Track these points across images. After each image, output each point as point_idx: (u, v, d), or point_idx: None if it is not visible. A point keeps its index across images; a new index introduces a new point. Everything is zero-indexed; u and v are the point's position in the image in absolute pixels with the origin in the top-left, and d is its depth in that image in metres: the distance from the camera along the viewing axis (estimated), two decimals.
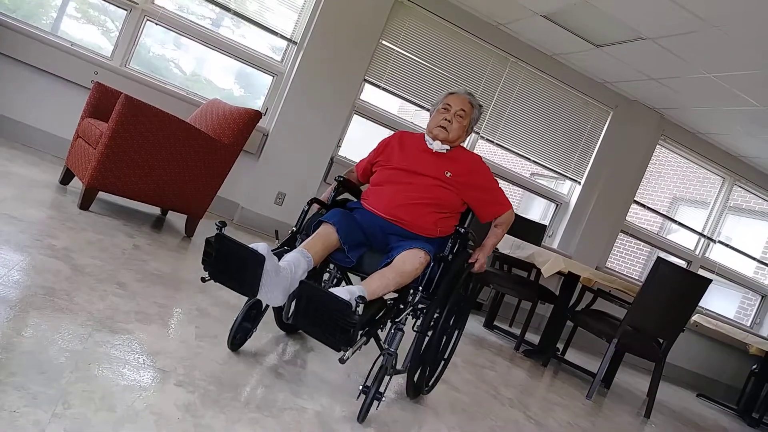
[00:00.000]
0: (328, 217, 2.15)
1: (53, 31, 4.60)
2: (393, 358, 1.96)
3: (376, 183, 2.42)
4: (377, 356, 1.96)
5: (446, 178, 2.33)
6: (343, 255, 2.14)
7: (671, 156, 7.11)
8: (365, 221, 2.25)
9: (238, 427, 1.55)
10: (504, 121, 5.55)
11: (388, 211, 2.26)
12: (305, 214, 2.25)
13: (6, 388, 1.31)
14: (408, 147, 2.44)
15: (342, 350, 1.73)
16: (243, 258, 1.80)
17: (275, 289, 1.81)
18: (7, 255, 2.10)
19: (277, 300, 1.84)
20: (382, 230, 2.26)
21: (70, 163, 3.52)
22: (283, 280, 1.84)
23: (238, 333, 2.08)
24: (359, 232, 2.20)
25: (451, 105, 2.44)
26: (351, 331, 1.69)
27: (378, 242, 2.24)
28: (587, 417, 3.23)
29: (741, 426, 5.16)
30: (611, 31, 4.46)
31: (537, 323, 5.58)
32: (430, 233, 2.29)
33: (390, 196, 2.30)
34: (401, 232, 2.26)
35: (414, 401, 2.30)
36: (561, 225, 5.92)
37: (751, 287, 6.90)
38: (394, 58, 5.17)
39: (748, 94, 4.64)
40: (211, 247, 1.85)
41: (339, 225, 2.11)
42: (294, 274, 1.89)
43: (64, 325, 1.73)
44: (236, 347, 2.09)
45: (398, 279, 2.04)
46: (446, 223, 2.33)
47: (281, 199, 4.97)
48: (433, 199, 2.30)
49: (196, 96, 4.80)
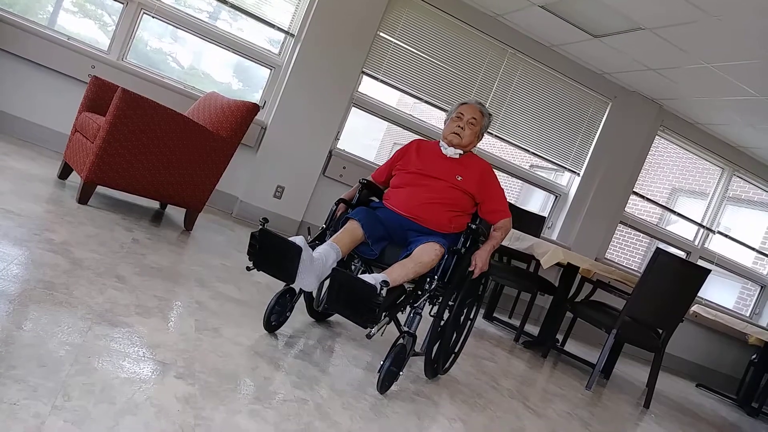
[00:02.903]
0: (354, 214, 2.44)
1: (50, 26, 4.58)
2: (412, 338, 2.28)
3: (396, 185, 2.70)
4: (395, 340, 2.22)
5: (457, 181, 2.61)
6: (368, 248, 2.43)
7: (670, 147, 7.10)
8: (387, 218, 2.53)
9: (238, 419, 1.56)
10: (503, 113, 5.54)
11: (407, 209, 2.55)
12: (333, 213, 2.56)
13: (6, 381, 1.32)
14: (424, 153, 2.72)
15: (368, 327, 2.03)
16: (283, 250, 2.10)
17: (310, 276, 2.11)
18: (5, 249, 2.10)
19: (311, 285, 2.15)
20: (402, 226, 2.53)
21: (68, 158, 3.52)
22: (316, 269, 2.13)
23: (272, 316, 2.33)
24: (381, 228, 2.48)
25: (463, 114, 2.71)
26: (376, 311, 1.97)
27: (398, 237, 2.51)
28: (586, 407, 3.24)
29: (740, 415, 5.18)
30: (610, 21, 4.45)
31: (536, 314, 5.59)
32: (444, 229, 2.56)
33: (409, 196, 2.59)
34: (419, 228, 2.53)
35: (413, 392, 2.31)
36: (560, 216, 5.92)
37: (751, 277, 6.91)
38: (392, 50, 5.16)
39: (747, 84, 4.63)
40: (255, 240, 2.11)
41: (364, 221, 2.40)
42: (325, 263, 2.18)
43: (63, 318, 1.74)
44: (272, 329, 2.35)
45: (417, 269, 2.30)
46: (459, 220, 2.60)
47: (280, 193, 4.97)
48: (446, 200, 2.58)
49: (194, 89, 4.79)
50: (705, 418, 4.34)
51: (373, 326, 2.03)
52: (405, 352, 2.22)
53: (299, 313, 2.77)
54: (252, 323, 2.38)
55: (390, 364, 2.14)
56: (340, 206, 2.59)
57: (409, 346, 2.26)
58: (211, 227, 4.01)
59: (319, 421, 1.73)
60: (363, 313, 2.01)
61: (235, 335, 2.16)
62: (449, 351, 2.64)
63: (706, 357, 6.58)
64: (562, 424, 2.73)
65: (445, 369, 2.65)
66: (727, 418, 4.82)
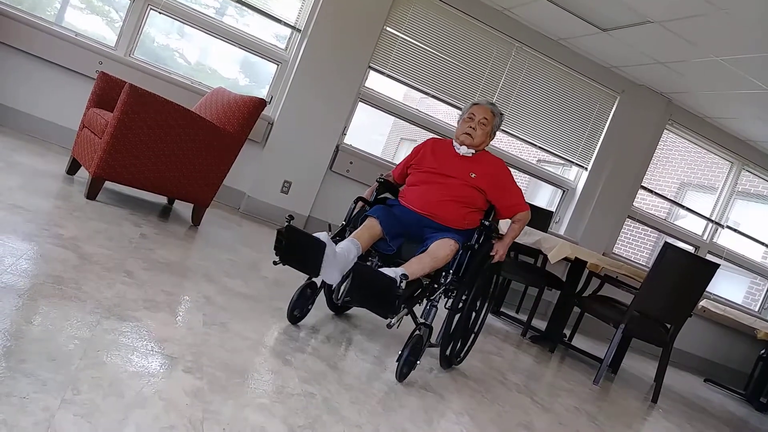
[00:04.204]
0: (372, 212, 2.57)
1: (57, 22, 4.60)
2: (429, 329, 2.40)
3: (412, 183, 2.79)
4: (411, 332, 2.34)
5: (471, 178, 2.68)
6: (385, 244, 2.56)
7: (679, 141, 7.06)
8: (403, 215, 2.64)
9: (246, 412, 1.56)
10: (510, 108, 5.51)
11: (423, 207, 2.65)
12: (352, 211, 2.67)
13: (16, 374, 1.33)
14: (438, 152, 2.80)
15: (389, 318, 2.15)
16: (308, 245, 2.24)
17: (333, 269, 2.26)
18: (15, 244, 2.11)
19: (334, 278, 2.29)
20: (418, 223, 2.63)
21: (76, 153, 3.53)
22: (339, 263, 2.28)
23: (296, 309, 2.43)
24: (398, 225, 2.59)
25: (475, 114, 2.79)
26: (396, 302, 2.10)
27: (414, 233, 2.62)
28: (594, 402, 3.24)
29: (749, 411, 5.16)
30: (618, 14, 4.42)
31: (544, 309, 5.58)
32: (458, 225, 2.66)
33: (424, 194, 2.68)
34: (434, 224, 2.63)
35: (421, 387, 2.31)
36: (568, 211, 5.90)
37: (760, 272, 6.87)
38: (398, 44, 5.14)
39: (756, 78, 4.59)
40: (282, 236, 2.23)
41: (382, 218, 2.52)
42: (347, 258, 2.32)
43: (72, 312, 1.75)
44: (295, 321, 2.45)
45: (433, 263, 2.43)
46: (473, 217, 2.69)
47: (287, 188, 4.98)
48: (460, 197, 2.66)
49: (201, 85, 4.80)
50: (713, 413, 4.32)
51: (393, 317, 2.15)
52: (422, 343, 2.33)
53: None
54: (259, 318, 2.39)
55: (408, 354, 2.25)
56: (358, 204, 2.71)
57: (426, 336, 2.37)
58: (218, 222, 4.02)
59: (327, 416, 1.74)
60: (384, 304, 2.14)
61: (242, 330, 2.17)
62: (463, 342, 2.75)
63: (715, 352, 6.54)
64: (570, 418, 2.73)
65: (459, 360, 2.77)
66: (735, 413, 4.80)
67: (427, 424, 1.99)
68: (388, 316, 2.15)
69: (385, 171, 5.11)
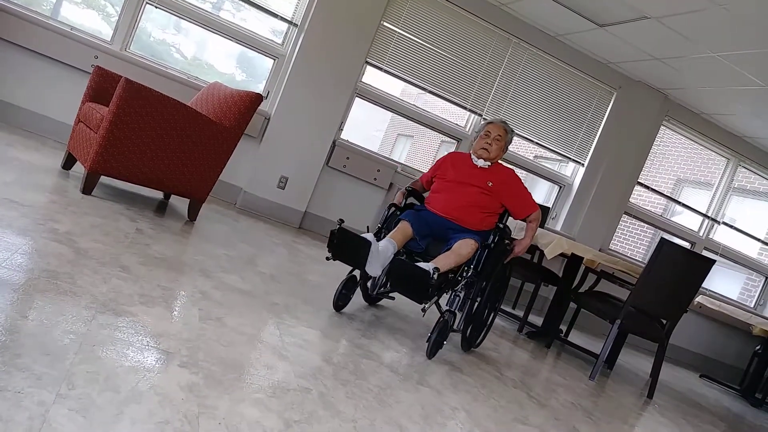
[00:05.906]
0: (404, 216, 3.00)
1: (53, 16, 4.58)
2: (453, 315, 2.84)
3: (436, 191, 3.22)
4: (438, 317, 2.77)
5: (488, 187, 3.11)
6: (416, 243, 2.97)
7: (675, 137, 7.06)
8: (430, 219, 3.05)
9: (242, 407, 1.56)
10: (507, 103, 5.51)
11: (447, 211, 3.07)
12: (386, 215, 3.10)
13: (11, 369, 1.32)
14: (459, 164, 3.24)
15: (423, 303, 2.56)
16: (356, 244, 2.65)
17: (377, 264, 2.66)
18: (10, 239, 2.11)
19: (377, 271, 2.68)
20: (443, 225, 3.04)
21: (71, 148, 3.52)
22: (381, 258, 2.68)
23: (340, 300, 2.88)
24: (426, 227, 3.00)
25: (490, 132, 3.19)
26: (429, 290, 2.52)
27: (439, 234, 3.03)
28: (590, 397, 3.25)
29: (744, 406, 5.18)
30: (615, 10, 4.41)
31: (540, 305, 5.59)
32: (477, 227, 3.07)
33: (448, 201, 3.10)
34: (457, 227, 3.04)
35: (417, 382, 2.32)
36: (564, 207, 5.91)
37: (755, 268, 6.89)
38: (395, 40, 5.13)
39: (753, 74, 4.60)
40: (334, 236, 2.66)
41: (413, 221, 2.95)
42: (386, 254, 2.71)
43: (67, 307, 1.74)
44: (339, 309, 2.90)
45: (457, 259, 2.83)
46: (489, 220, 3.13)
47: (284, 183, 4.97)
48: (479, 203, 3.09)
49: (197, 80, 4.78)
50: (708, 409, 4.34)
51: (426, 302, 2.55)
52: (447, 326, 2.76)
53: (302, 304, 2.78)
54: (256, 313, 2.39)
55: (437, 336, 2.71)
56: (391, 209, 3.14)
57: (451, 321, 2.80)
58: (214, 217, 4.02)
59: (322, 410, 1.74)
60: (419, 292, 2.56)
61: (238, 325, 2.16)
62: (481, 327, 3.19)
63: (710, 348, 6.57)
64: (566, 414, 2.74)
65: (477, 343, 3.20)
66: (730, 408, 4.82)
67: (423, 419, 1.99)
68: (422, 301, 2.55)
69: (382, 167, 5.15)
